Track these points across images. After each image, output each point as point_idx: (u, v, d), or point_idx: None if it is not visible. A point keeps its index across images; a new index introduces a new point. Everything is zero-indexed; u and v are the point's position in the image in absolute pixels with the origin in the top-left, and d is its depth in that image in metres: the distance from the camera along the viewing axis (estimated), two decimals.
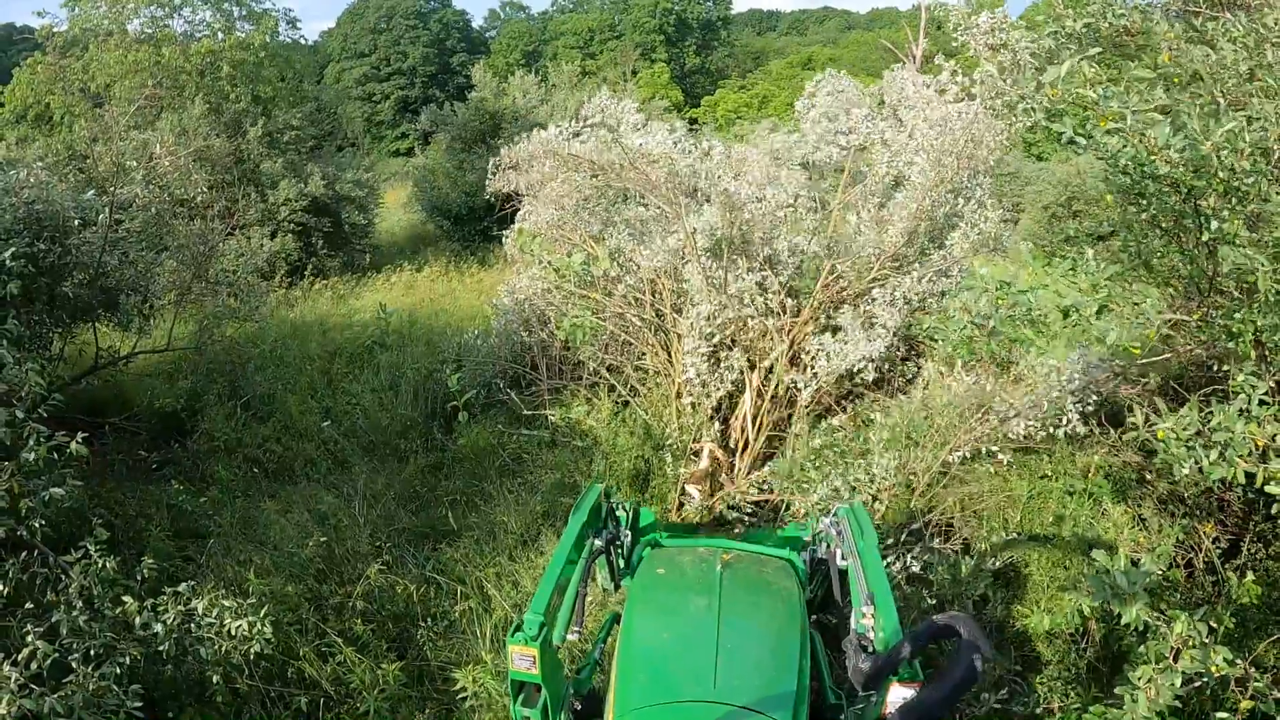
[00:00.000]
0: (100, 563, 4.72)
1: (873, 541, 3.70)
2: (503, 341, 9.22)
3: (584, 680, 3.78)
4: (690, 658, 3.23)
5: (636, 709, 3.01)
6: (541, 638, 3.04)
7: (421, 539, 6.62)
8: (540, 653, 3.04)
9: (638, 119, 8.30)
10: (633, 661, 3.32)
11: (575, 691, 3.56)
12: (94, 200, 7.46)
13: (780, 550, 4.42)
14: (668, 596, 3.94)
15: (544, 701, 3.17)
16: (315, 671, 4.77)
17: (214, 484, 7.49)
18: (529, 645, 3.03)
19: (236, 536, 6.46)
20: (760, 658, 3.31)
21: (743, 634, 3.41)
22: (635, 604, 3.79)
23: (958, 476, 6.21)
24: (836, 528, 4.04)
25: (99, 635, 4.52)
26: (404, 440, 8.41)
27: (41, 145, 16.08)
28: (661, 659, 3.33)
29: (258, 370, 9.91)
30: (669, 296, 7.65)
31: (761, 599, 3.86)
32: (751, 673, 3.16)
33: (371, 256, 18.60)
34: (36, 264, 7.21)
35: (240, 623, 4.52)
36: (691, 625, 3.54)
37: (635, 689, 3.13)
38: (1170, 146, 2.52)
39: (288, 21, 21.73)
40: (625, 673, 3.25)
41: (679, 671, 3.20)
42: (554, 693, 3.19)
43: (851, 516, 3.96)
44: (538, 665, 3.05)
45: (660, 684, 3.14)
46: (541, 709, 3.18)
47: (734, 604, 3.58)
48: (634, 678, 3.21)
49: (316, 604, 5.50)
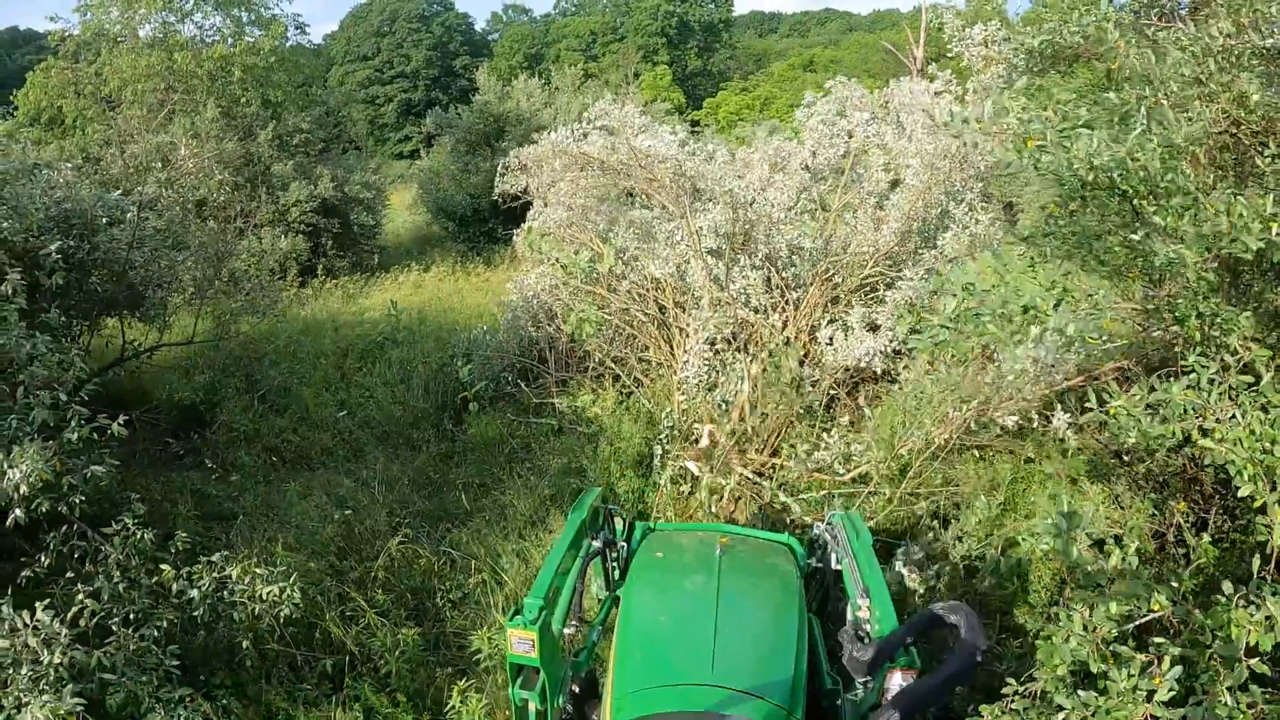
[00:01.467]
0: (139, 534, 5.07)
1: (867, 542, 3.76)
2: (511, 336, 9.57)
3: (582, 663, 3.78)
4: (688, 641, 3.26)
5: (634, 691, 3.03)
6: (540, 621, 3.10)
7: (435, 521, 6.97)
8: (539, 636, 3.09)
9: (643, 122, 8.65)
10: (631, 644, 3.34)
11: (574, 674, 3.59)
12: (121, 200, 7.81)
13: (779, 535, 4.52)
14: (666, 579, 3.98)
15: (542, 684, 3.22)
16: (341, 633, 5.11)
17: (236, 471, 7.84)
18: (528, 629, 3.08)
19: (260, 518, 6.81)
20: (758, 641, 3.33)
21: (741, 617, 3.43)
22: (634, 587, 3.82)
23: (945, 463, 6.56)
24: (832, 533, 4.10)
25: (137, 601, 4.87)
26: (416, 430, 8.77)
27: (55, 148, 16.48)
28: (660, 642, 3.36)
29: (273, 365, 10.27)
30: (672, 293, 8.01)
31: (760, 582, 3.90)
32: (749, 656, 3.19)
33: (379, 257, 18.98)
34: (67, 260, 7.58)
35: (272, 588, 4.86)
36: (690, 608, 3.56)
37: (633, 671, 3.16)
38: (1092, 154, 2.85)
39: (296, 27, 22.15)
40: (623, 655, 3.28)
41: (677, 654, 3.22)
42: (552, 676, 3.23)
43: (846, 521, 4.02)
44: (536, 649, 3.10)
45: (658, 666, 3.16)
46: (540, 691, 3.23)
47: (732, 587, 3.60)
48: (632, 660, 3.24)
49: (338, 578, 5.85)
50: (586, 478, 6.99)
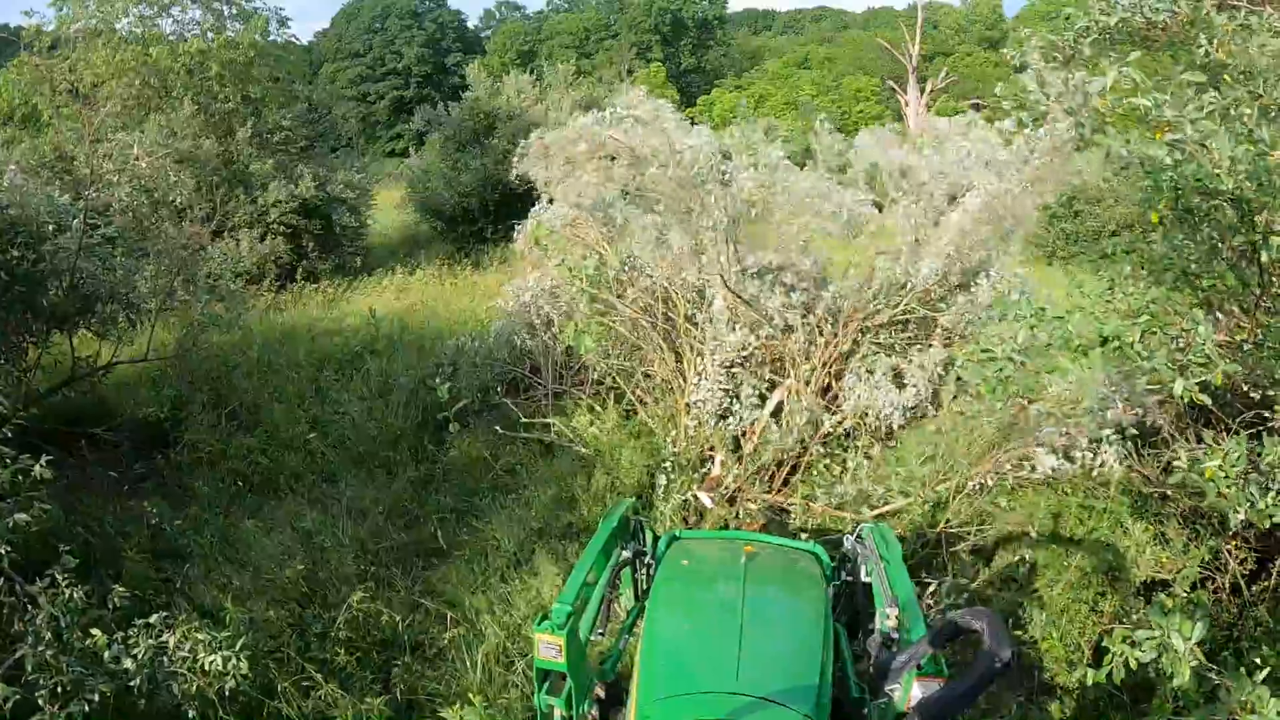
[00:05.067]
0: (69, 593, 4.45)
1: (898, 554, 3.74)
2: (501, 344, 8.94)
3: (608, 670, 3.78)
4: (713, 649, 3.22)
5: (659, 700, 3.03)
6: (568, 627, 3.09)
7: (411, 557, 6.35)
8: (566, 642, 3.08)
9: (677, 116, 7.97)
10: (656, 652, 3.34)
11: (599, 682, 3.54)
12: (68, 205, 7.17)
13: (804, 543, 4.42)
14: (691, 588, 3.96)
15: (568, 690, 3.20)
16: (294, 711, 4.49)
17: (195, 499, 7.21)
18: (556, 634, 3.07)
19: (216, 557, 6.18)
20: (783, 650, 3.30)
21: (766, 626, 3.37)
22: (659, 595, 3.81)
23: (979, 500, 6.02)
24: (861, 544, 4.04)
25: (66, 671, 4.27)
26: (393, 452, 8.13)
27: (28, 146, 15.82)
28: (684, 650, 3.34)
29: (245, 378, 9.63)
30: (683, 306, 7.35)
31: (785, 591, 3.87)
32: (774, 665, 3.15)
33: (364, 259, 18.32)
34: (11, 272, 6.95)
35: (215, 657, 4.24)
36: (715, 617, 3.56)
37: (658, 680, 3.15)
38: (1235, 158, 2.27)
39: (278, 21, 21.36)
40: (648, 663, 3.28)
41: (702, 663, 3.20)
42: (578, 682, 3.23)
43: (876, 533, 4.00)
44: (564, 654, 3.08)
45: (683, 675, 3.15)
46: (566, 698, 3.21)
47: (757, 596, 3.56)
48: (657, 668, 3.23)
49: (299, 630, 5.23)
50: (578, 510, 6.40)
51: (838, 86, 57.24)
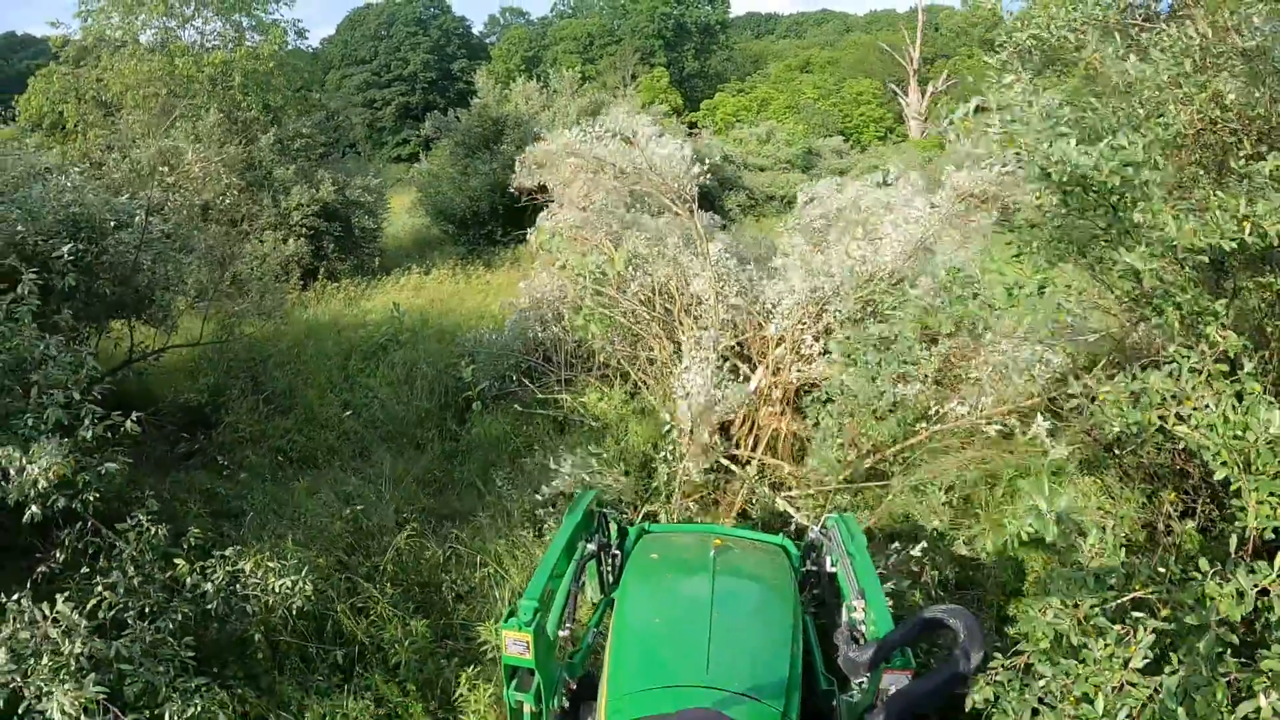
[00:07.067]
0: (153, 530, 5.18)
1: (862, 544, 3.82)
2: (516, 335, 9.70)
3: (577, 665, 3.79)
4: (683, 642, 3.27)
5: (629, 693, 3.05)
6: (535, 623, 3.14)
7: (441, 518, 7.09)
8: (534, 638, 3.13)
9: (654, 130, 8.76)
10: (626, 646, 3.35)
11: (569, 676, 3.61)
12: (128, 204, 7.94)
13: (773, 536, 4.56)
14: (661, 581, 3.99)
15: (537, 686, 3.25)
16: (352, 625, 5.24)
17: (243, 469, 7.96)
18: (523, 631, 3.13)
19: (269, 515, 6.94)
20: (753, 643, 3.33)
21: (736, 619, 3.42)
22: (629, 589, 3.83)
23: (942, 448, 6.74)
24: (826, 535, 4.14)
25: (152, 595, 4.98)
26: (421, 430, 8.90)
27: (58, 153, 16.61)
28: (655, 643, 3.38)
29: (277, 367, 10.40)
30: (680, 299, 8.14)
31: (754, 584, 3.94)
32: (744, 657, 3.19)
33: (380, 260, 19.09)
34: (76, 263, 7.70)
35: (284, 581, 4.98)
36: (685, 610, 3.60)
37: (628, 673, 3.18)
38: (1066, 159, 2.98)
39: (295, 32, 22.25)
40: (618, 657, 3.30)
41: (672, 656, 3.23)
42: (547, 677, 3.27)
43: (841, 524, 4.08)
44: (531, 650, 3.14)
45: (653, 668, 3.17)
46: (535, 693, 3.26)
47: (727, 589, 3.62)
48: (627, 662, 3.25)
49: (347, 573, 5.97)
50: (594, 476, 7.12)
51: (839, 90, 57.91)
